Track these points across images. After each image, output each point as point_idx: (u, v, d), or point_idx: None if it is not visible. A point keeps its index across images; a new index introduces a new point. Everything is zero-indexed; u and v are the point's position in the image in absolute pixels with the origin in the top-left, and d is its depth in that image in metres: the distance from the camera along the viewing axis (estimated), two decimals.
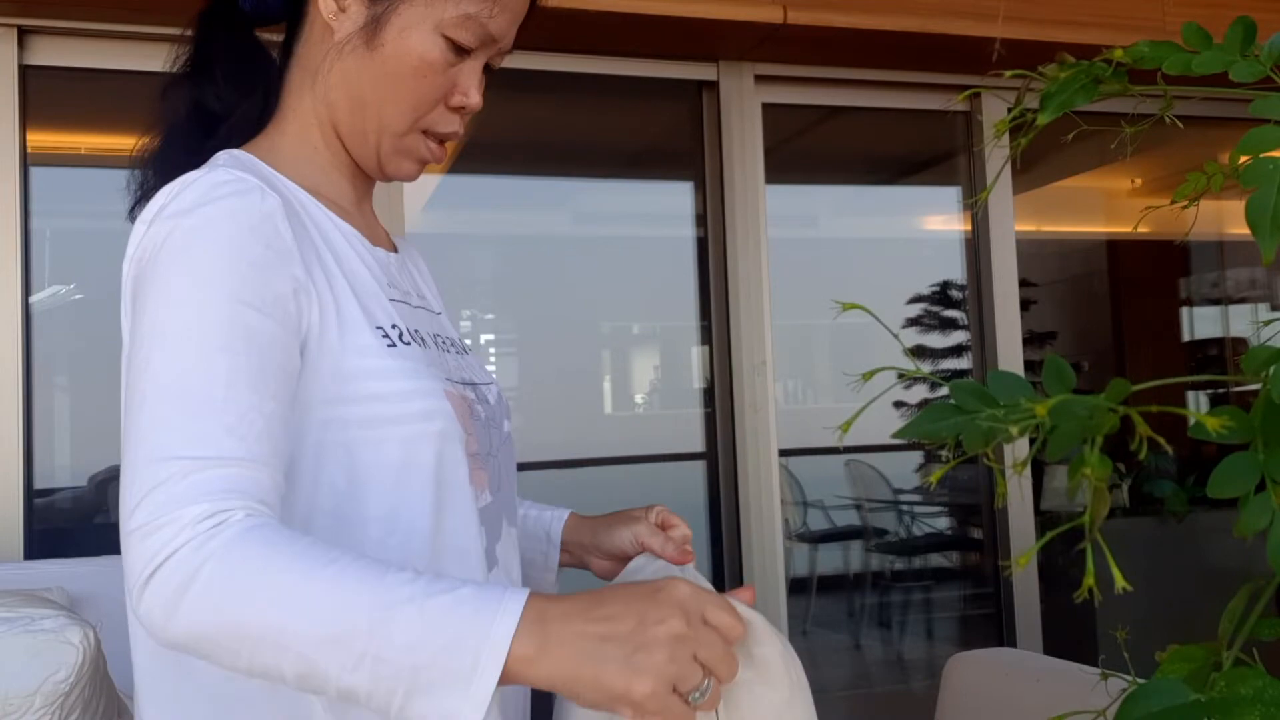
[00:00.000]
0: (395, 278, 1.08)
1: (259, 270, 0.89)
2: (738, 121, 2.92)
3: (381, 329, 0.98)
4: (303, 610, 0.77)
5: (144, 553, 0.79)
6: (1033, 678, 1.64)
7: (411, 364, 0.98)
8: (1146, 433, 0.50)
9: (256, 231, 0.91)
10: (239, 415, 0.85)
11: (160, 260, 0.89)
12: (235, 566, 0.78)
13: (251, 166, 0.99)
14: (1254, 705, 0.54)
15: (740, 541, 2.87)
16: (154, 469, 0.82)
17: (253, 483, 0.83)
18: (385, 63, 1.02)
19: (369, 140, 1.05)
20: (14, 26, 2.42)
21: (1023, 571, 3.04)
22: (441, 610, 0.76)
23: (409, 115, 1.03)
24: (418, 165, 1.08)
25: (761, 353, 2.90)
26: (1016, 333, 3.17)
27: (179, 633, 0.79)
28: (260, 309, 0.89)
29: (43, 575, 1.96)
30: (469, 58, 1.04)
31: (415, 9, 1.01)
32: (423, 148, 1.06)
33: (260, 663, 0.79)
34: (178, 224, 0.90)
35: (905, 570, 4.85)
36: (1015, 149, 0.70)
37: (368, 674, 0.76)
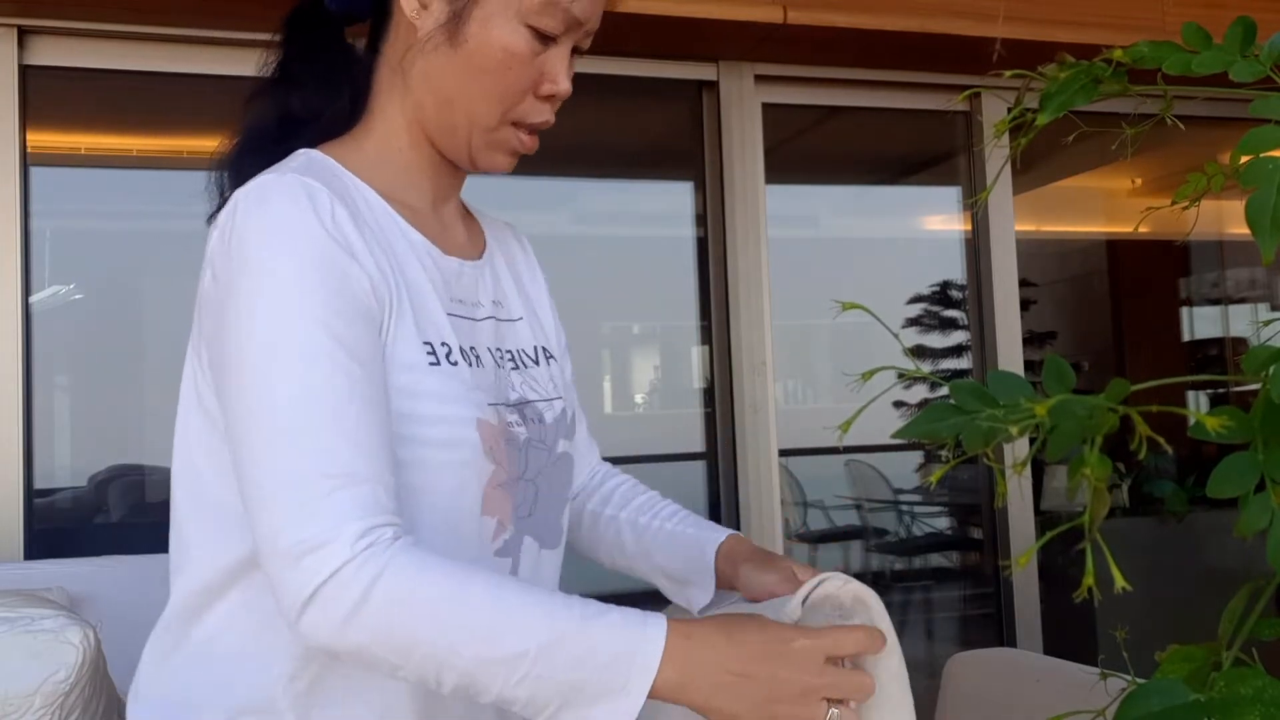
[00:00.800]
0: (464, 289, 1.06)
1: (342, 278, 0.90)
2: (738, 121, 2.92)
3: (429, 344, 0.97)
4: (475, 632, 0.83)
5: (305, 570, 0.82)
6: (1033, 678, 1.64)
7: (450, 386, 0.97)
8: (1146, 433, 0.50)
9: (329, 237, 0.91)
10: (364, 432, 0.87)
11: (245, 273, 0.90)
12: (405, 587, 0.83)
13: (324, 169, 0.99)
14: (1254, 705, 0.54)
15: None
16: (297, 488, 0.84)
17: (387, 498, 0.87)
18: (470, 57, 1.00)
19: (459, 135, 1.03)
20: (14, 26, 2.41)
21: (1023, 571, 3.04)
22: (598, 633, 0.84)
23: (498, 108, 1.02)
24: (510, 157, 1.06)
25: (761, 353, 2.89)
26: (1016, 333, 3.17)
27: (348, 645, 0.84)
28: (343, 314, 0.89)
29: (43, 575, 1.96)
30: (555, 44, 1.02)
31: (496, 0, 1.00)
32: (514, 139, 1.05)
33: (421, 673, 0.84)
34: (256, 232, 0.90)
35: (905, 570, 4.85)
36: (1015, 149, 0.70)
37: (529, 689, 0.83)
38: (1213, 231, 5.62)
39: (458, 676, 0.83)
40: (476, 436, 0.97)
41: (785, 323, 3.06)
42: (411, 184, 1.06)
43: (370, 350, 0.91)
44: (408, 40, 1.03)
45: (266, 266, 0.89)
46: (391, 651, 0.83)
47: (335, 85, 1.06)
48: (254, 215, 0.91)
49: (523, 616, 0.83)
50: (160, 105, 2.78)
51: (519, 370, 1.10)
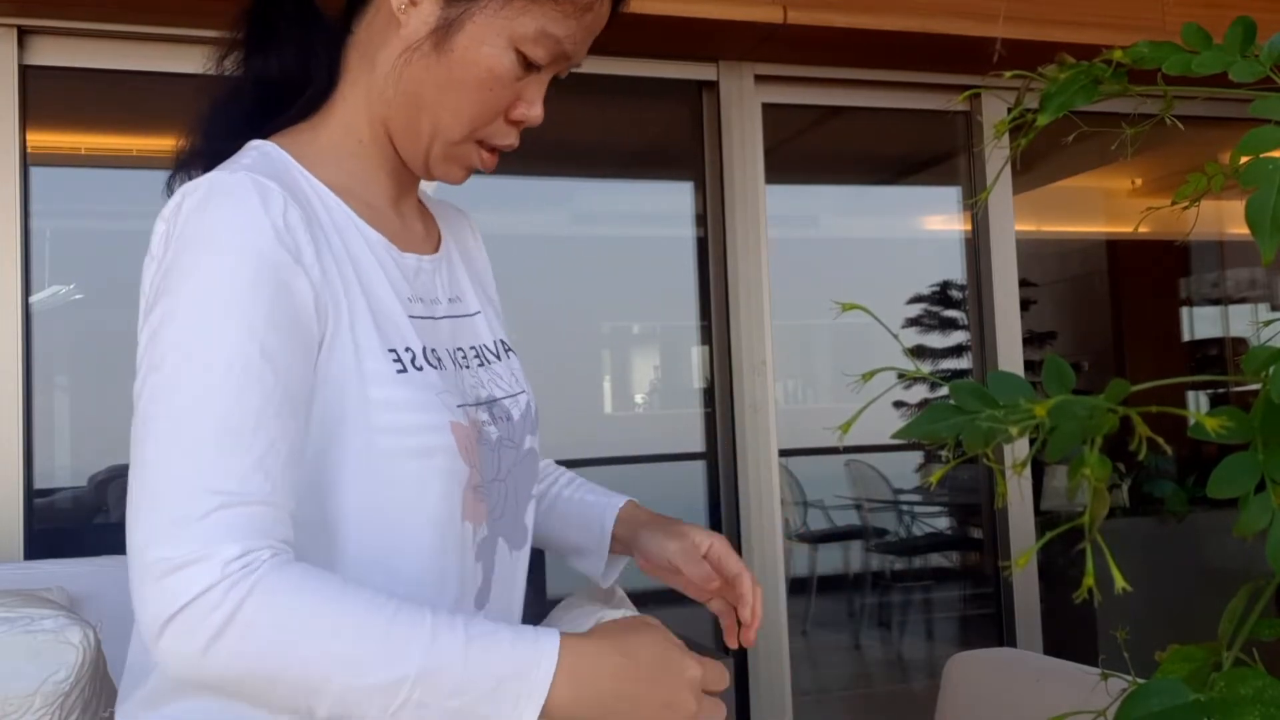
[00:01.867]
0: (423, 286, 1.03)
1: (280, 287, 0.86)
2: (738, 121, 2.92)
3: (394, 352, 0.93)
4: (348, 658, 0.78)
5: (168, 589, 0.78)
6: (1033, 678, 1.64)
7: (419, 394, 0.93)
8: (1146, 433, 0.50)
9: (275, 238, 0.87)
10: (265, 450, 0.82)
11: (180, 272, 0.86)
12: (274, 611, 0.78)
13: (280, 165, 0.95)
14: (1254, 705, 0.54)
15: (740, 541, 2.87)
16: (178, 501, 0.79)
17: (276, 522, 0.82)
18: (452, 69, 0.96)
19: (420, 141, 1.00)
20: (14, 26, 2.41)
21: (1023, 571, 3.04)
22: (484, 657, 0.80)
23: (468, 125, 0.99)
24: (466, 172, 1.03)
25: (761, 353, 2.89)
26: (1016, 333, 3.17)
27: (210, 673, 0.79)
28: (280, 326, 0.85)
29: (43, 575, 1.96)
30: (537, 72, 1.00)
31: (492, 18, 0.96)
32: (475, 156, 1.02)
33: (293, 703, 0.80)
34: (194, 228, 0.86)
35: (905, 570, 4.85)
36: (1015, 149, 0.70)
37: (410, 716, 0.79)
38: (1213, 231, 5.62)
39: (331, 705, 0.78)
40: (452, 440, 0.94)
41: (785, 323, 3.07)
42: (369, 179, 1.02)
43: (299, 369, 0.87)
44: (386, 32, 0.99)
45: (204, 269, 0.85)
46: (258, 679, 0.78)
47: (311, 53, 1.02)
48: (199, 215, 0.87)
49: (403, 640, 0.79)
50: (160, 105, 2.78)
51: (484, 367, 1.06)
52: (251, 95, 1.02)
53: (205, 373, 0.82)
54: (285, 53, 1.01)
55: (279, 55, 1.01)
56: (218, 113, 1.03)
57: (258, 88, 1.02)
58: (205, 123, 1.03)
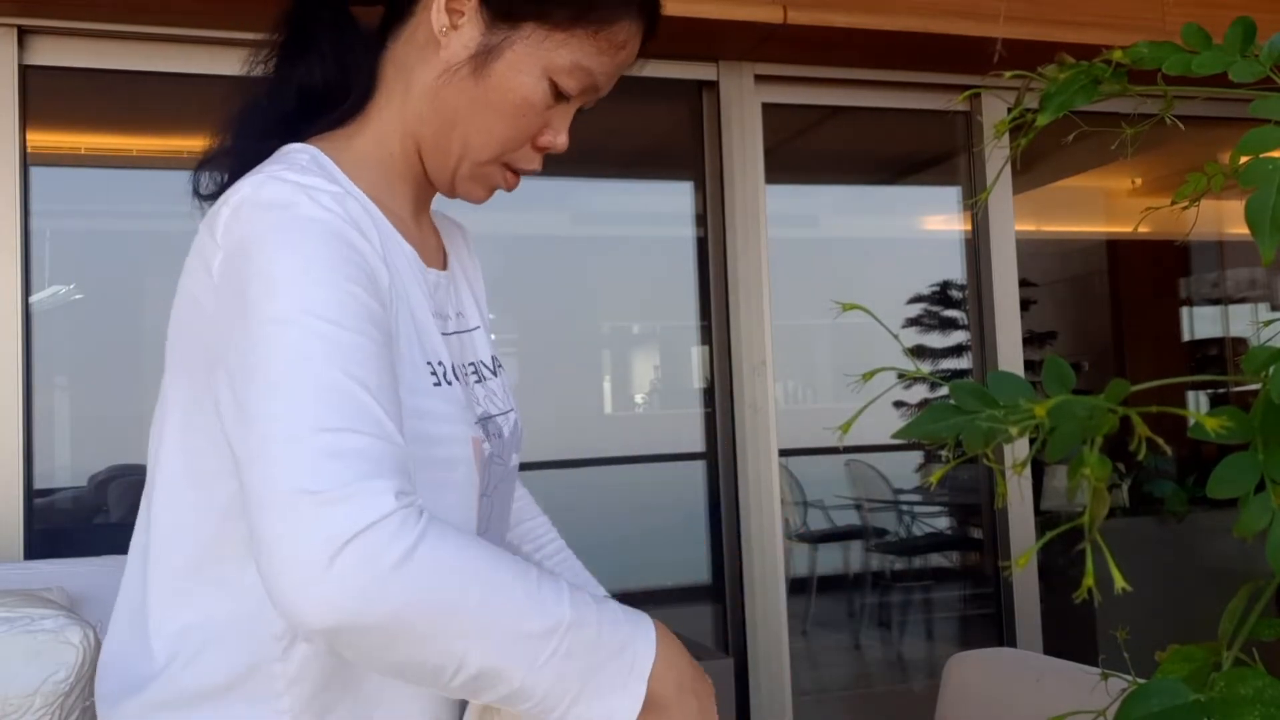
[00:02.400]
0: (440, 302, 1.04)
1: (362, 267, 0.87)
2: (738, 121, 2.92)
3: (430, 365, 0.95)
4: (513, 604, 0.79)
5: (340, 515, 0.73)
6: (1033, 678, 1.64)
7: (451, 407, 0.96)
8: (1146, 433, 0.50)
9: (352, 235, 0.88)
10: (390, 399, 0.82)
11: (268, 242, 0.84)
12: (452, 549, 0.77)
13: (329, 170, 0.95)
14: (1254, 705, 0.54)
15: (740, 541, 2.87)
16: (325, 439, 0.76)
17: (410, 468, 0.81)
18: (488, 94, 0.99)
19: (449, 160, 1.02)
20: (14, 26, 2.42)
21: (1023, 571, 3.04)
22: (611, 617, 0.85)
23: (497, 148, 1.02)
24: (488, 191, 1.06)
25: (761, 353, 2.89)
26: (1016, 333, 3.17)
27: (391, 599, 0.74)
28: (375, 297, 0.87)
29: (43, 575, 1.96)
30: (566, 102, 1.03)
31: (530, 47, 0.99)
32: (499, 177, 1.05)
33: (447, 651, 0.77)
34: (273, 213, 0.85)
35: (905, 570, 4.85)
36: (1015, 149, 0.70)
37: (554, 670, 0.80)
38: (1213, 231, 5.62)
39: (485, 654, 0.77)
40: (470, 454, 0.96)
41: (785, 323, 3.07)
42: (397, 191, 1.04)
43: (387, 332, 0.87)
44: (425, 49, 1.00)
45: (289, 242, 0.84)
46: (432, 613, 0.75)
47: (349, 62, 1.03)
48: (280, 207, 0.86)
49: (552, 593, 0.81)
50: (160, 105, 2.79)
51: (481, 384, 1.08)
52: (293, 100, 1.02)
53: (316, 325, 0.81)
54: (327, 61, 1.03)
55: (321, 63, 1.02)
56: (255, 113, 1.03)
57: (300, 93, 1.02)
58: (240, 123, 1.03)
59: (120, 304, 2.91)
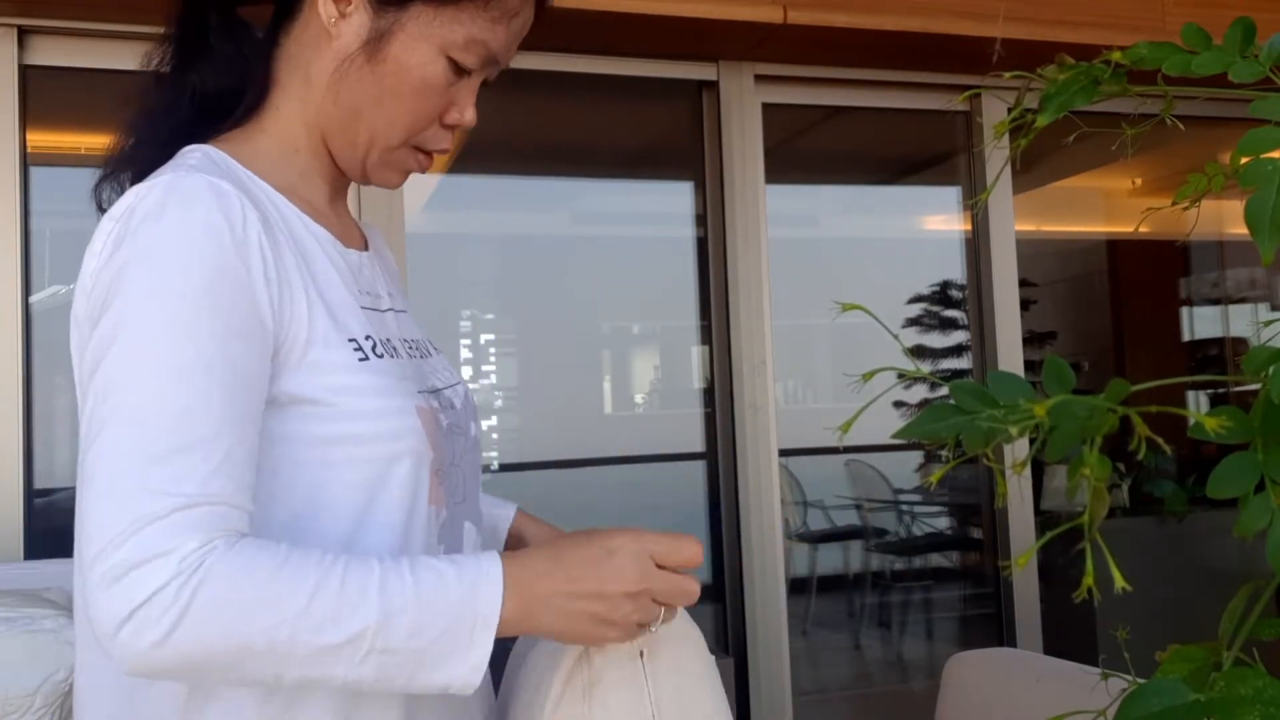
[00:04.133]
0: (366, 281, 1.05)
1: (237, 288, 0.87)
2: (738, 121, 2.92)
3: (354, 341, 0.96)
4: (309, 620, 0.80)
5: (124, 589, 0.78)
6: (1033, 678, 1.64)
7: (383, 379, 0.96)
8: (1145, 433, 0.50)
9: (234, 244, 0.87)
10: (225, 451, 0.83)
11: (135, 270, 0.86)
12: (229, 588, 0.79)
13: (224, 167, 0.96)
14: (1254, 705, 0.54)
15: (740, 541, 2.87)
16: (138, 503, 0.80)
17: (236, 519, 0.84)
18: (385, 79, 0.99)
19: (358, 149, 1.02)
20: (14, 26, 2.42)
21: (1023, 571, 3.04)
22: (434, 594, 0.84)
23: (403, 132, 1.01)
24: (402, 176, 1.06)
25: (761, 353, 2.89)
26: (1016, 333, 3.17)
27: (172, 659, 0.79)
28: (240, 333, 0.86)
29: (43, 575, 1.96)
30: (468, 77, 1.02)
31: (421, 27, 0.98)
32: (411, 160, 1.05)
33: (262, 675, 0.81)
34: (151, 231, 0.86)
35: (905, 570, 4.85)
36: (1015, 150, 0.70)
37: (374, 665, 0.82)
38: (1213, 231, 5.62)
39: (299, 669, 0.81)
40: (418, 422, 0.97)
41: (785, 323, 3.06)
42: (309, 183, 1.04)
43: (256, 372, 0.88)
44: (318, 42, 1.01)
45: (161, 275, 0.85)
46: (222, 659, 0.79)
47: (243, 64, 1.04)
48: (156, 220, 0.87)
49: (357, 592, 0.82)
50: None
51: (425, 359, 1.09)
52: (189, 106, 1.04)
53: (165, 377, 0.83)
54: (218, 66, 1.04)
55: (213, 68, 1.04)
56: (153, 120, 1.04)
57: (195, 99, 1.04)
58: (138, 130, 1.05)
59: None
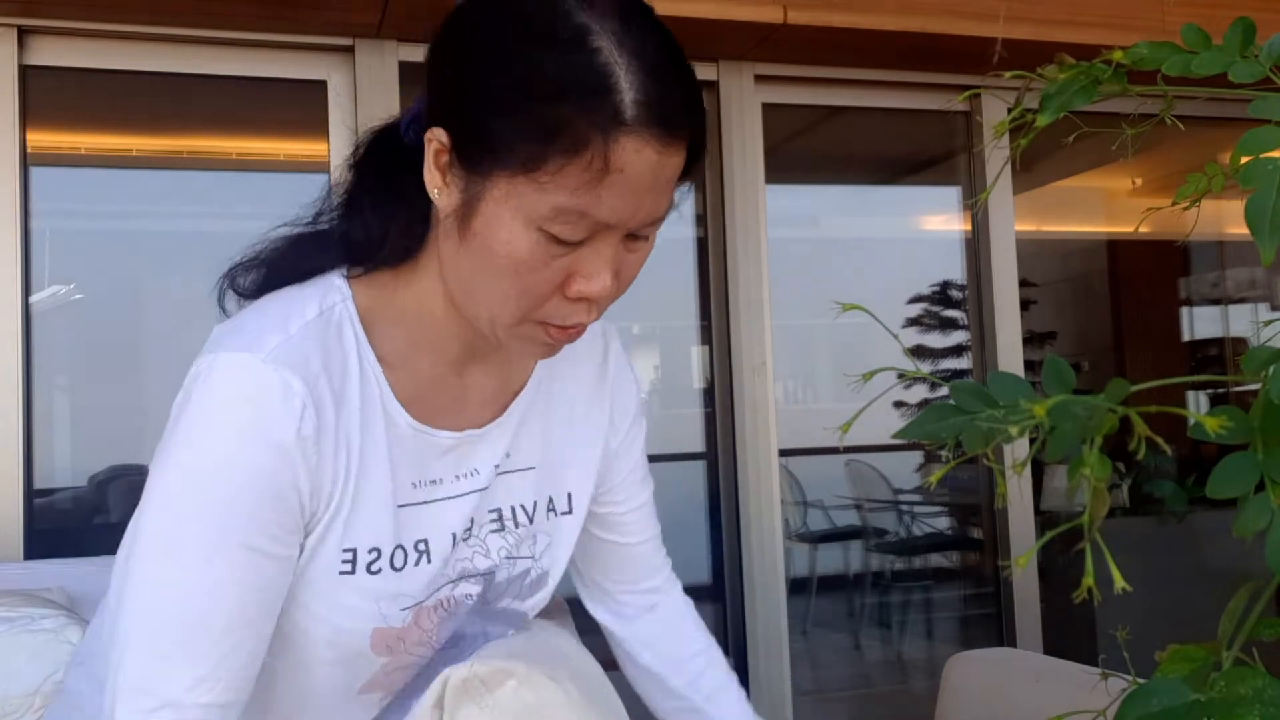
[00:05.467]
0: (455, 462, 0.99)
1: (273, 497, 0.87)
2: (738, 121, 2.92)
3: (351, 551, 0.93)
4: None
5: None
6: (1033, 678, 1.64)
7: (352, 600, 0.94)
8: (1145, 433, 0.50)
9: (279, 455, 0.86)
10: (225, 654, 0.86)
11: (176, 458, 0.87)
12: None
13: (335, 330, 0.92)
14: (1254, 705, 0.54)
15: (740, 541, 2.87)
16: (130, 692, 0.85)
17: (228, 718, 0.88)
18: (477, 254, 0.87)
19: (482, 324, 0.92)
20: (14, 26, 2.41)
21: (1023, 571, 3.04)
22: None
23: (515, 309, 0.88)
24: (542, 347, 0.93)
25: (761, 353, 2.89)
26: (1016, 333, 3.17)
27: None
28: (264, 537, 0.87)
29: (43, 575, 1.96)
30: (585, 245, 0.86)
31: (504, 196, 0.84)
32: (542, 336, 0.91)
33: None
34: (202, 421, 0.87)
35: (905, 570, 4.85)
36: (1015, 150, 0.70)
37: None
38: (1213, 231, 5.62)
39: None
40: (366, 644, 0.96)
41: (785, 323, 3.06)
42: (437, 344, 0.97)
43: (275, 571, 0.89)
44: None
45: (200, 463, 0.86)
46: None
47: (394, 217, 0.95)
48: (209, 404, 0.87)
49: None
50: (160, 105, 2.78)
51: (500, 533, 1.04)
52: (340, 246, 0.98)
53: (181, 570, 0.86)
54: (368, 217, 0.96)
55: (363, 219, 0.97)
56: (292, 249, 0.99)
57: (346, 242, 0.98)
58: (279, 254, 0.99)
59: (120, 304, 2.91)
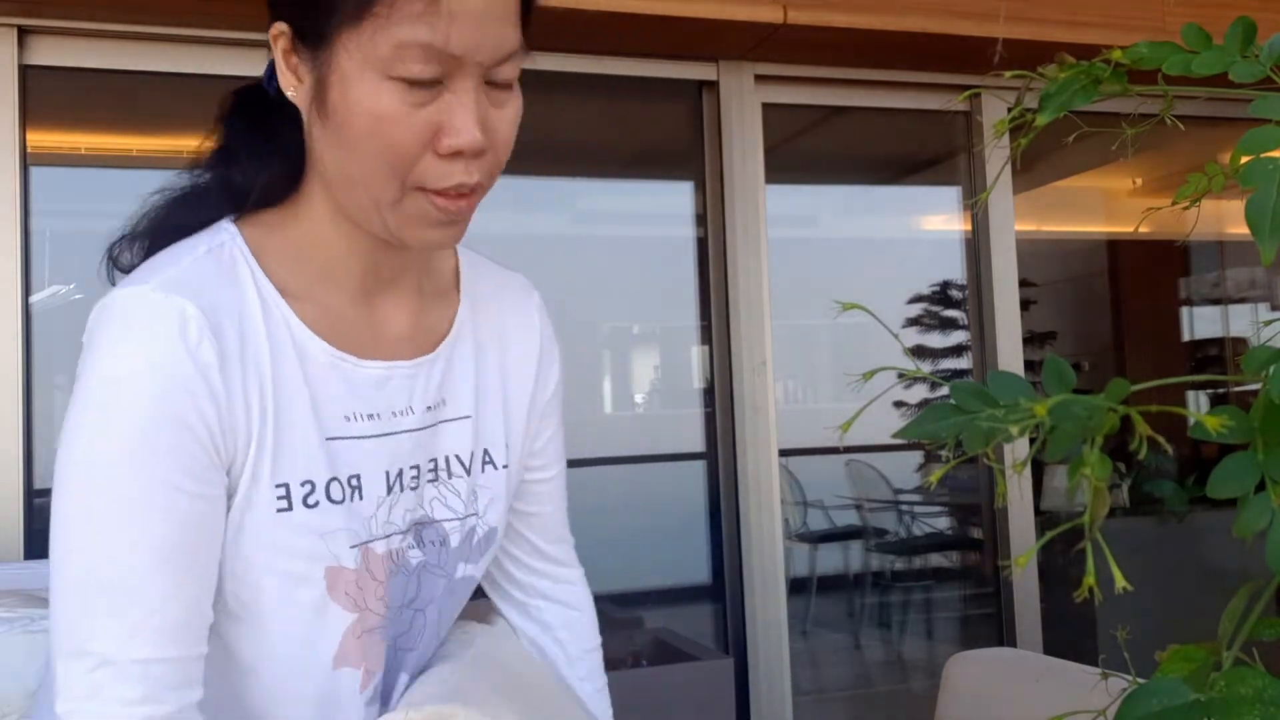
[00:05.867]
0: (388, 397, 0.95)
1: (181, 429, 0.83)
2: (738, 121, 2.92)
3: (284, 486, 0.88)
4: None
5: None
6: (1033, 678, 1.64)
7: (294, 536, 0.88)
8: (1146, 433, 0.50)
9: (182, 384, 0.83)
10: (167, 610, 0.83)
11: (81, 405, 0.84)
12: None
13: (228, 266, 0.90)
14: (1254, 705, 0.54)
15: (740, 541, 2.87)
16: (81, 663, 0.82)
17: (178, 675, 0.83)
18: (340, 130, 0.84)
19: (371, 217, 0.88)
20: (14, 26, 2.41)
21: (1023, 571, 3.04)
22: None
23: (389, 178, 0.85)
24: (441, 229, 0.89)
25: (761, 353, 2.89)
26: (1016, 333, 3.17)
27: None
28: (188, 488, 0.83)
29: (43, 575, 1.95)
30: (446, 90, 0.83)
31: (349, 55, 0.82)
32: (429, 207, 0.86)
33: None
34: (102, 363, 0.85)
35: (905, 570, 4.85)
36: (1015, 149, 0.70)
37: None
38: (1213, 231, 5.62)
39: None
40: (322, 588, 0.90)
41: (785, 323, 3.06)
42: (335, 277, 0.94)
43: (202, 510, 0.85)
44: None
45: (104, 410, 0.83)
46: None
47: (271, 157, 0.94)
48: (105, 345, 0.85)
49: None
50: (160, 105, 2.78)
51: (436, 482, 0.98)
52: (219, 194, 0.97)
53: (100, 517, 0.82)
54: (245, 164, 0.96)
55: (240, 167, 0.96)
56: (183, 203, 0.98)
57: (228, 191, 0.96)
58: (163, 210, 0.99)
59: None
